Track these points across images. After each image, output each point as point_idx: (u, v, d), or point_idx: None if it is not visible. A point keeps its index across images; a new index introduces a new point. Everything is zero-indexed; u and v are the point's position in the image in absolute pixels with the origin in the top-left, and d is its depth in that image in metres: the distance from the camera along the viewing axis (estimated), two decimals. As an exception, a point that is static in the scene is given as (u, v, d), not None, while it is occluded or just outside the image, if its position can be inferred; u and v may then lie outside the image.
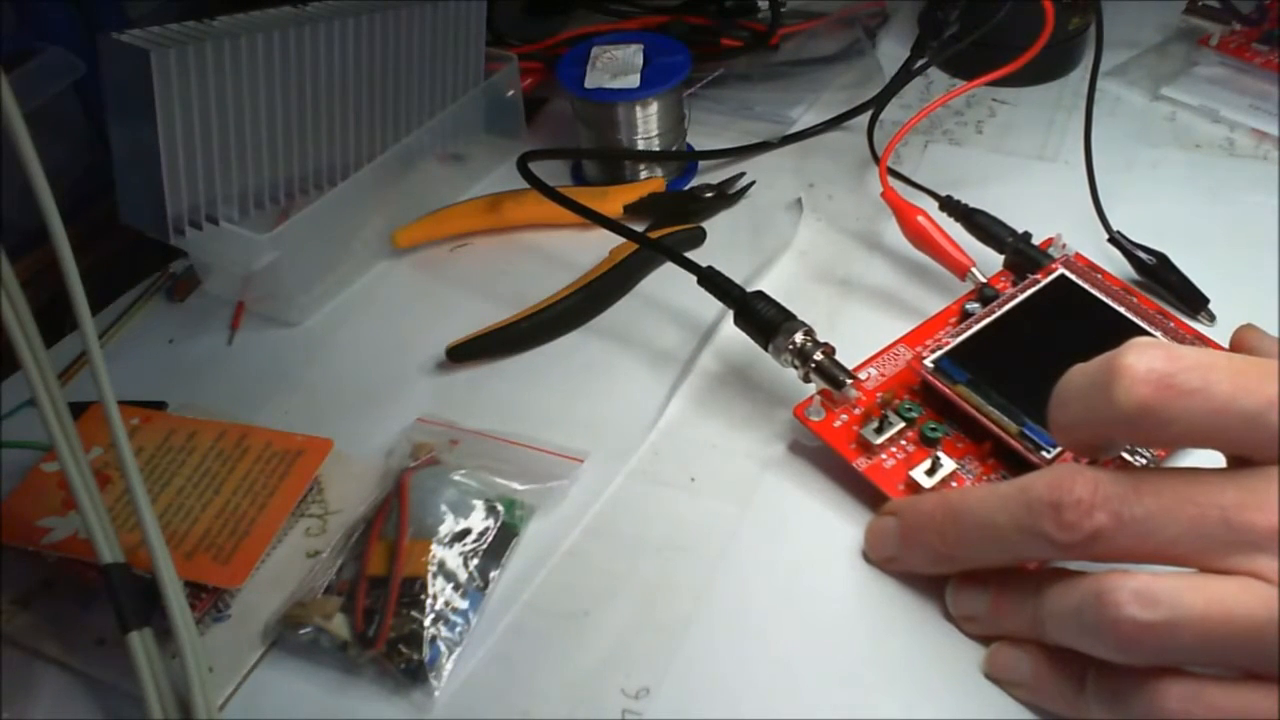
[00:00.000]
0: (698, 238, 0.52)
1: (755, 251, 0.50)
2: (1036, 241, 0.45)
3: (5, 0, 0.51)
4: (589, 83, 0.53)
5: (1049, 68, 0.60)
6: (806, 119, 0.59)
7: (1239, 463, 0.29)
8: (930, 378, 0.39)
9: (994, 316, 0.41)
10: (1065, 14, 0.56)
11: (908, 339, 0.43)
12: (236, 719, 0.35)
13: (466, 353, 0.46)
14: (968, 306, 0.43)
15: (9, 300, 0.31)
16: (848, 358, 0.40)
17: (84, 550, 0.34)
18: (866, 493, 0.39)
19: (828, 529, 0.38)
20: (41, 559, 0.38)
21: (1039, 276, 0.43)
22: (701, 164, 0.57)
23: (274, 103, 0.47)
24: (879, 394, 0.40)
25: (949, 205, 0.48)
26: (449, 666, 0.35)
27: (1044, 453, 0.36)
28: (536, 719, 0.34)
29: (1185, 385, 0.28)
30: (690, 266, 0.44)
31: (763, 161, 0.56)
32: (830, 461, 0.40)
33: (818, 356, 0.40)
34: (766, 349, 0.41)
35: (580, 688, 0.35)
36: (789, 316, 0.41)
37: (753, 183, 0.54)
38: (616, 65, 0.53)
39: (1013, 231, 0.46)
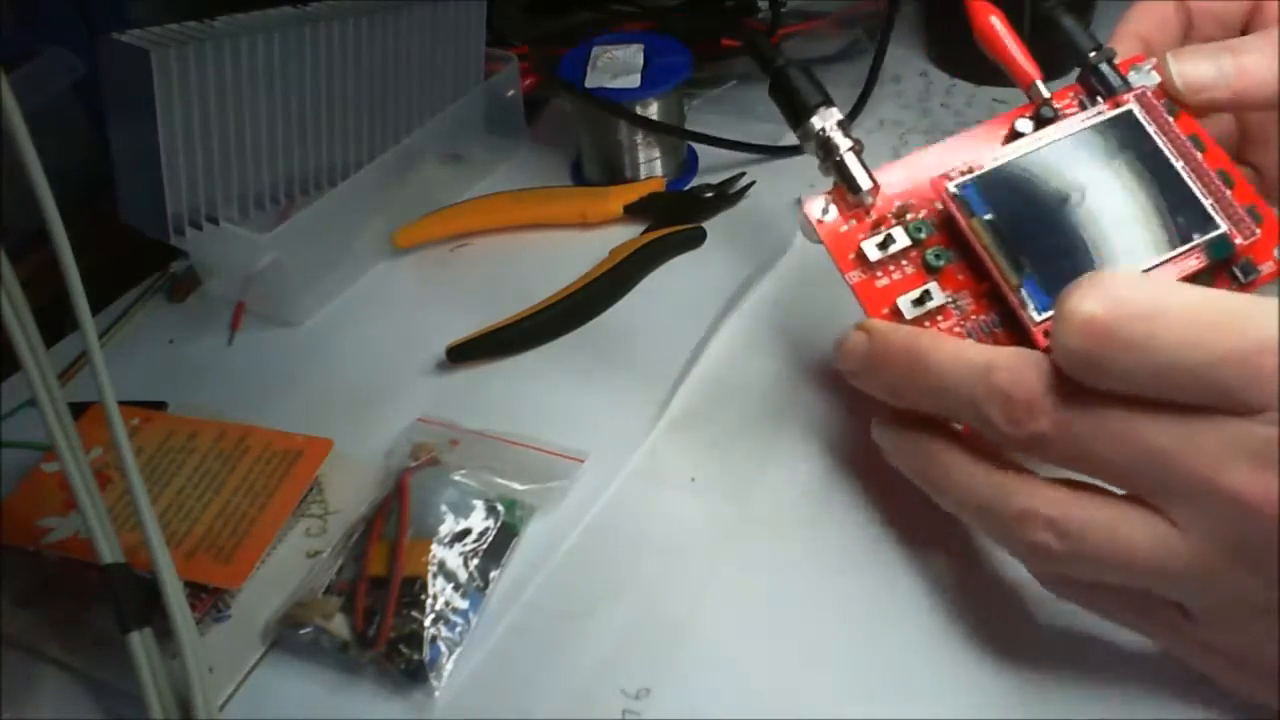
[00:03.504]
0: (698, 238, 0.52)
1: (755, 251, 0.50)
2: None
3: (5, 0, 0.51)
4: (589, 83, 0.53)
5: (1047, 68, 0.60)
6: (806, 119, 0.59)
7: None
8: (949, 202, 0.36)
9: (1040, 145, 0.37)
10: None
11: (946, 146, 0.39)
12: (236, 719, 0.35)
13: (466, 353, 0.46)
14: (1018, 124, 0.38)
15: (9, 300, 0.31)
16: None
17: (84, 550, 0.34)
18: (873, 487, 0.39)
19: (828, 528, 0.38)
20: (41, 559, 0.38)
21: (1106, 107, 0.38)
22: (701, 164, 0.57)
23: (274, 103, 0.47)
24: (897, 201, 0.37)
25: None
26: (449, 666, 0.35)
27: (1034, 313, 0.34)
28: (536, 719, 0.34)
29: (1125, 337, 0.27)
30: (733, 26, 0.41)
31: (763, 161, 0.56)
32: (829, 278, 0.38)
33: (844, 152, 0.37)
34: (795, 130, 0.38)
35: (580, 688, 0.35)
36: (825, 100, 0.38)
37: (753, 183, 0.54)
38: (617, 65, 0.53)
39: (1096, 43, 0.39)
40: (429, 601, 0.36)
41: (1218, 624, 0.29)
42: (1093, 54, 0.39)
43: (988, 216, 0.35)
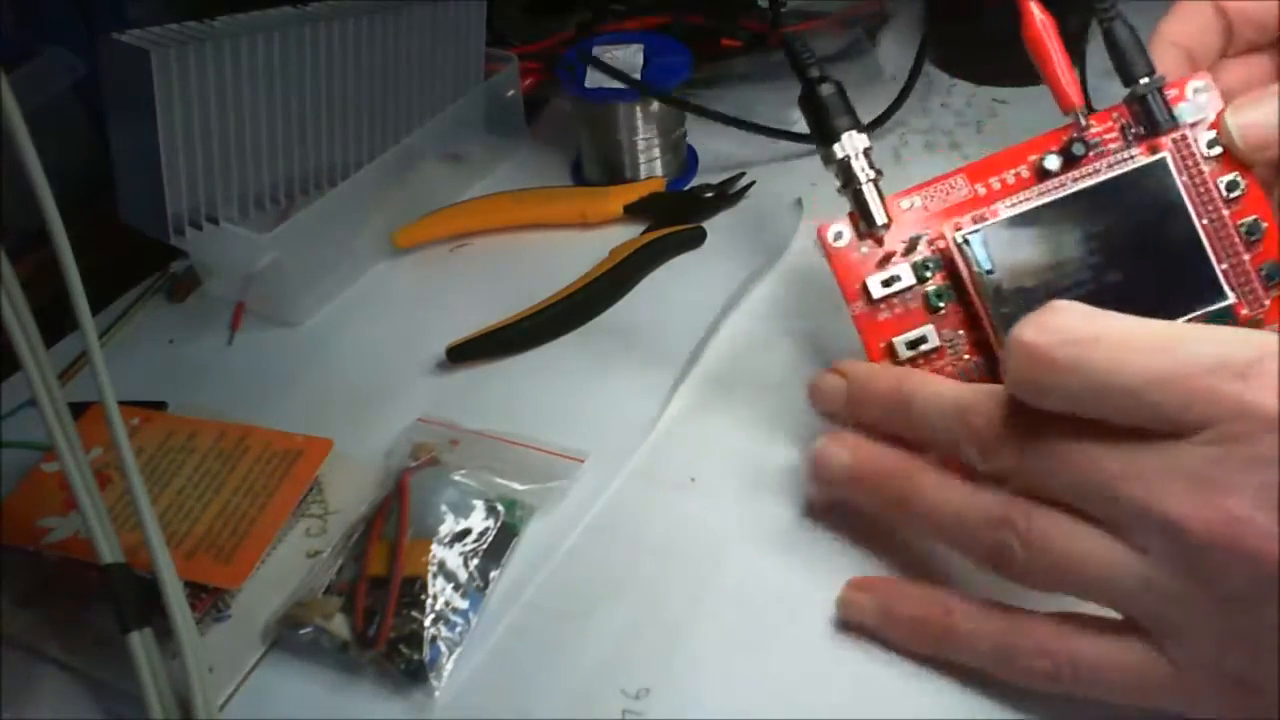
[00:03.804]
0: (698, 238, 0.52)
1: (755, 251, 0.50)
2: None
3: (5, 0, 0.51)
4: (589, 83, 0.53)
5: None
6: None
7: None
8: (954, 251, 0.37)
9: (1057, 197, 0.36)
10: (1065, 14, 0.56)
11: (970, 171, 0.38)
12: (236, 719, 0.35)
13: (466, 353, 0.46)
14: (1047, 162, 0.37)
15: (9, 300, 0.31)
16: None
17: (84, 550, 0.34)
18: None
19: (828, 529, 0.38)
20: (42, 559, 0.38)
21: (1141, 151, 0.37)
22: (701, 164, 0.57)
23: (274, 103, 0.47)
24: (911, 232, 0.38)
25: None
26: (449, 666, 0.35)
27: None
28: (536, 719, 0.34)
29: (1060, 360, 0.29)
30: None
31: (763, 161, 0.56)
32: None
33: (864, 184, 0.37)
34: (819, 150, 0.39)
35: (580, 688, 0.35)
36: (854, 125, 0.38)
37: (753, 183, 0.54)
38: (617, 65, 0.53)
39: (1149, 68, 0.37)
40: (429, 601, 0.36)
41: (1189, 649, 0.29)
42: (1143, 81, 0.37)
43: (989, 271, 0.36)
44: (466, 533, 0.38)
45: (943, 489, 0.33)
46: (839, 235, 0.38)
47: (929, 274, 0.37)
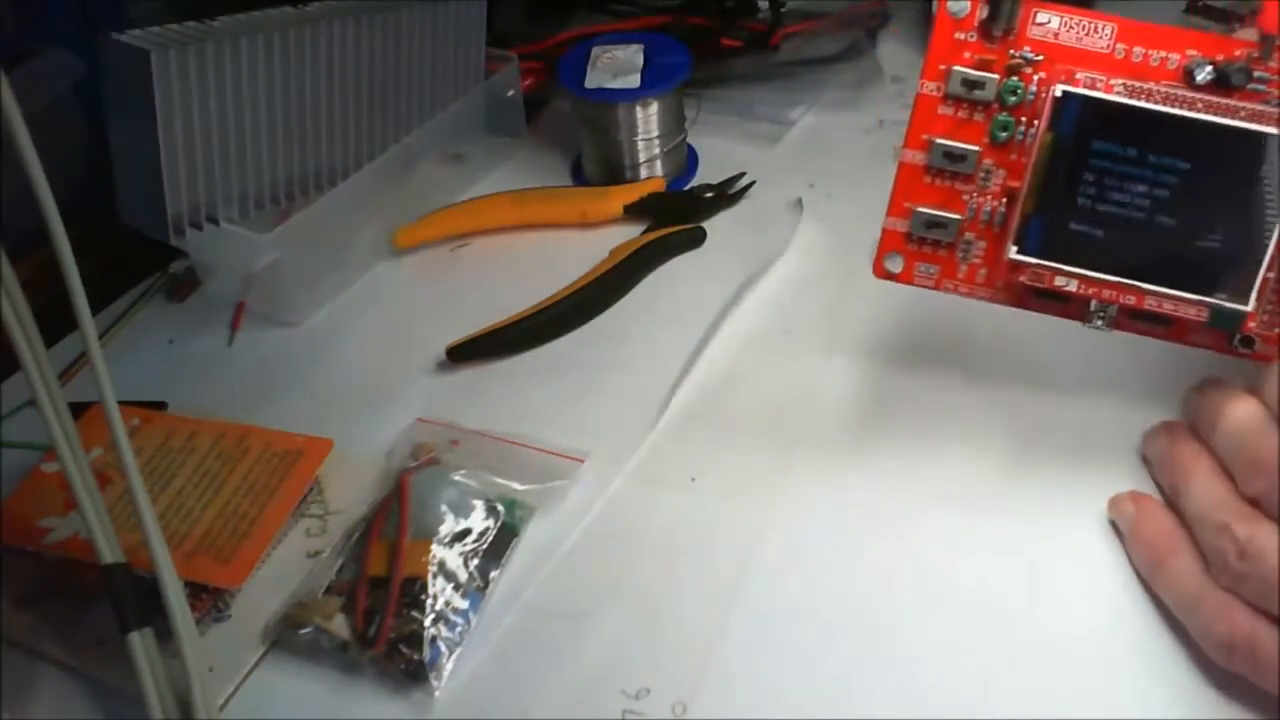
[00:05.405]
0: (698, 238, 0.52)
1: (755, 251, 0.50)
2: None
3: (5, 0, 0.51)
4: (589, 83, 0.53)
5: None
6: (807, 120, 0.59)
7: None
8: (1047, 100, 0.33)
9: (1186, 114, 0.33)
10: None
11: (1123, 26, 0.34)
12: (236, 719, 0.35)
13: (466, 353, 0.46)
14: (1197, 71, 0.33)
15: (9, 300, 0.31)
16: (851, 369, 0.40)
17: (84, 550, 0.34)
18: (871, 488, 0.39)
19: (827, 528, 0.38)
20: (42, 559, 0.38)
21: (1223, 110, 0.33)
22: (701, 164, 0.57)
23: (274, 103, 0.47)
24: (1029, 49, 0.34)
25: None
26: (449, 667, 0.35)
27: (1013, 247, 0.34)
28: (536, 719, 0.34)
29: None
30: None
31: (763, 161, 0.56)
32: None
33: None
34: None
35: (580, 688, 0.35)
36: None
37: (753, 183, 0.54)
38: (617, 65, 0.53)
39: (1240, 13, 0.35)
40: (429, 602, 0.36)
41: None
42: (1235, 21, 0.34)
43: (1063, 135, 0.33)
44: (466, 533, 0.38)
45: (1211, 478, 0.34)
46: (960, 9, 0.35)
47: (1011, 100, 0.34)
